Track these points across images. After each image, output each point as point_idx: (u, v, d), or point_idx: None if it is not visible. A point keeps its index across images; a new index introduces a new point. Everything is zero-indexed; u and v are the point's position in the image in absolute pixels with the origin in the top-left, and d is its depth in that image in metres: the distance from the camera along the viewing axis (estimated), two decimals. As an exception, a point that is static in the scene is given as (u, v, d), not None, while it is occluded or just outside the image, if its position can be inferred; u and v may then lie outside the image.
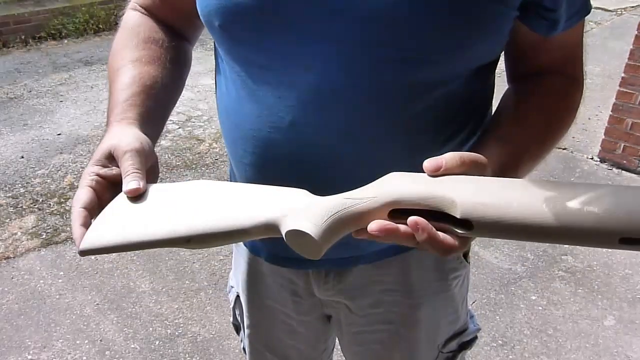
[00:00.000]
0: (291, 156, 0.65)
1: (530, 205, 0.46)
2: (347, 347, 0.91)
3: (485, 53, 0.63)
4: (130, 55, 0.72)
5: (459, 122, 0.67)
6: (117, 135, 0.61)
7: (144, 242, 0.54)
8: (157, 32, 0.76)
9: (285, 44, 0.60)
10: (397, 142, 0.64)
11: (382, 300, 0.80)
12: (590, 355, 1.80)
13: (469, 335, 0.88)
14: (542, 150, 0.67)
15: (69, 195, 2.71)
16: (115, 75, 0.71)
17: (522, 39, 0.66)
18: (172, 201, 0.57)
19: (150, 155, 0.61)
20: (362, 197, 0.50)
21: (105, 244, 0.55)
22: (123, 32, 0.76)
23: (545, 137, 0.68)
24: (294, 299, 0.84)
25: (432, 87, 0.61)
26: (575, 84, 0.72)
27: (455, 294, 0.83)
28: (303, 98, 0.61)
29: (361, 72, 0.59)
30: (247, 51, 0.63)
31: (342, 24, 0.57)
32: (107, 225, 0.56)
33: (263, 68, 0.62)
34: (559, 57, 0.70)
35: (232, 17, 0.61)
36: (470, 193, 0.48)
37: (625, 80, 2.80)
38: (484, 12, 0.58)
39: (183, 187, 0.59)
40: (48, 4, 5.30)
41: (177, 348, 1.85)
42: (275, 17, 0.59)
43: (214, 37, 0.67)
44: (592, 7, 0.67)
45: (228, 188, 0.58)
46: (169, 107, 0.75)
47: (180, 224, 0.54)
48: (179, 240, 0.53)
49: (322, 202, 0.51)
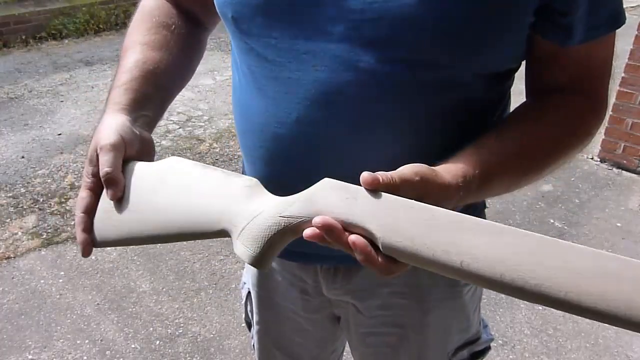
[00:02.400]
0: (297, 151, 0.65)
1: (449, 254, 0.45)
2: (355, 348, 0.90)
3: (498, 60, 0.62)
4: (140, 39, 0.74)
5: (468, 129, 0.65)
6: (101, 130, 0.63)
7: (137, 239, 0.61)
8: (172, 17, 0.77)
9: (294, 41, 0.60)
10: (403, 143, 0.63)
11: (392, 303, 0.79)
12: (590, 355, 1.80)
13: (481, 345, 0.86)
14: (533, 167, 0.63)
15: (70, 195, 2.71)
16: (123, 56, 0.73)
17: (536, 50, 0.63)
18: (149, 192, 0.61)
19: (133, 142, 0.63)
20: (297, 216, 0.51)
21: (101, 242, 0.62)
22: (139, 14, 0.78)
23: (539, 155, 0.63)
24: (303, 297, 0.84)
25: (441, 91, 0.61)
26: (593, 106, 0.66)
27: (467, 302, 0.81)
28: (309, 95, 0.61)
29: (368, 71, 0.59)
30: (257, 45, 0.64)
31: (351, 23, 0.57)
32: (101, 224, 0.62)
33: (271, 63, 0.63)
34: (577, 74, 0.64)
35: (245, 9, 0.62)
36: (392, 228, 0.47)
37: (626, 80, 2.80)
38: (497, 17, 0.56)
39: (156, 173, 0.62)
40: (49, 4, 5.30)
41: (177, 348, 1.85)
42: (286, 13, 0.60)
43: (227, 28, 0.68)
44: (625, 20, 0.61)
45: (192, 177, 0.60)
46: (171, 92, 0.76)
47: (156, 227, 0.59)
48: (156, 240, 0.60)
49: (258, 222, 0.53)
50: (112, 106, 0.66)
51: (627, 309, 0.41)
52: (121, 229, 0.60)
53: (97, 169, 0.61)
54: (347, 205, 0.49)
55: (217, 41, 4.87)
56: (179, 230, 0.58)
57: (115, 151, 0.60)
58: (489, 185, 0.59)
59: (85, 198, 0.61)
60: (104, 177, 0.59)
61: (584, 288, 0.42)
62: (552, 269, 0.43)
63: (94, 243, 0.62)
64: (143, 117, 0.67)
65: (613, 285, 0.41)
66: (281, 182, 0.68)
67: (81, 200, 0.61)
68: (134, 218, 0.60)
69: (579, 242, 2.33)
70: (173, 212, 0.58)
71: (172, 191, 0.59)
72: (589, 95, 0.66)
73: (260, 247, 0.53)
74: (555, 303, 0.43)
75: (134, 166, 0.62)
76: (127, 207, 0.60)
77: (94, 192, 0.62)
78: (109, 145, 0.60)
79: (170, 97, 0.76)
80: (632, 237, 2.38)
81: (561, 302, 0.42)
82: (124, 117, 0.64)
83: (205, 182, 0.58)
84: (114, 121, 0.63)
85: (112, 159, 0.59)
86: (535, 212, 2.57)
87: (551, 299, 0.43)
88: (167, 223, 0.58)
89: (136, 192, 0.60)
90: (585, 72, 0.65)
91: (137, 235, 0.60)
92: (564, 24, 0.60)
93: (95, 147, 0.61)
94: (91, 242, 0.62)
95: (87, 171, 0.62)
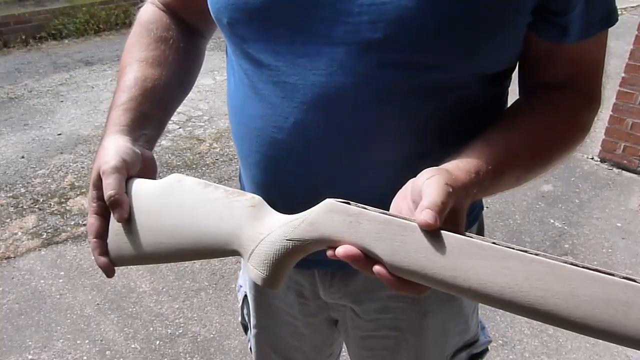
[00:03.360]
0: (294, 156, 0.65)
1: (456, 278, 0.45)
2: (353, 352, 0.90)
3: (496, 60, 0.62)
4: (138, 55, 0.74)
5: (467, 130, 0.64)
6: (102, 153, 0.64)
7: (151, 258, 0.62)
8: (170, 29, 0.77)
9: (291, 45, 0.60)
10: (401, 147, 0.63)
11: (390, 307, 0.79)
12: (590, 355, 1.80)
13: (479, 347, 0.86)
14: (534, 164, 0.64)
15: (70, 195, 2.71)
16: (122, 73, 0.73)
17: (531, 48, 0.63)
18: (155, 214, 0.61)
19: (135, 163, 0.64)
20: (301, 239, 0.51)
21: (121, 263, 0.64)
22: (137, 27, 0.78)
23: (540, 152, 0.64)
24: (300, 300, 0.84)
25: (440, 92, 0.60)
26: (588, 103, 0.67)
27: (465, 305, 0.81)
28: (307, 99, 0.61)
29: (367, 74, 0.58)
30: (254, 50, 0.63)
31: (348, 26, 0.57)
32: (115, 246, 0.63)
33: (268, 67, 0.63)
34: (572, 72, 0.65)
35: (241, 15, 0.62)
36: (397, 252, 0.46)
37: (626, 80, 2.80)
38: (495, 18, 0.56)
39: (159, 192, 0.62)
40: (49, 4, 5.30)
41: (177, 348, 1.85)
42: (282, 17, 0.59)
43: (223, 33, 0.67)
44: (617, 19, 0.62)
45: (195, 198, 0.61)
46: (170, 108, 0.77)
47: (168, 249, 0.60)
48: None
49: (266, 245, 0.54)
50: (111, 127, 0.66)
51: (637, 334, 0.41)
52: (135, 249, 0.61)
53: (101, 193, 0.61)
54: (352, 229, 0.49)
55: (217, 41, 4.86)
56: (191, 252, 0.59)
57: (117, 173, 0.60)
58: (499, 181, 0.58)
59: (94, 223, 0.62)
60: (108, 200, 0.60)
61: (594, 315, 0.42)
62: (560, 296, 0.43)
63: (113, 263, 0.63)
64: (143, 135, 0.68)
65: (622, 313, 0.41)
66: (278, 187, 0.68)
67: (91, 226, 0.62)
68: (145, 239, 0.61)
69: (579, 242, 2.34)
70: (182, 234, 0.59)
71: (177, 212, 0.59)
72: (584, 92, 0.67)
73: (269, 270, 0.54)
74: (566, 325, 0.43)
75: (138, 185, 0.62)
76: (136, 229, 0.61)
77: (102, 216, 0.63)
78: (110, 169, 0.60)
79: (170, 112, 0.76)
80: (632, 237, 2.38)
81: (572, 325, 0.43)
82: (124, 137, 0.65)
83: (209, 203, 0.58)
84: (114, 143, 0.64)
85: (114, 181, 0.60)
86: (535, 212, 2.57)
87: (562, 323, 0.43)
88: (178, 245, 0.59)
89: (142, 214, 0.61)
90: (580, 69, 0.65)
91: (151, 256, 0.61)
92: (560, 23, 0.60)
93: (98, 171, 0.62)
94: (110, 263, 0.63)
95: (91, 196, 0.63)
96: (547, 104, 0.66)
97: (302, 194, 0.54)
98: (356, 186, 0.64)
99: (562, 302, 0.42)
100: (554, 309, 0.43)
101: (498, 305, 0.45)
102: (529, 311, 0.44)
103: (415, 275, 0.46)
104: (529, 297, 0.43)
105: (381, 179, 0.62)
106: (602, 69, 0.67)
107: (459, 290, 0.45)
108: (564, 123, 0.65)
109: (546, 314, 0.43)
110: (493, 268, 0.44)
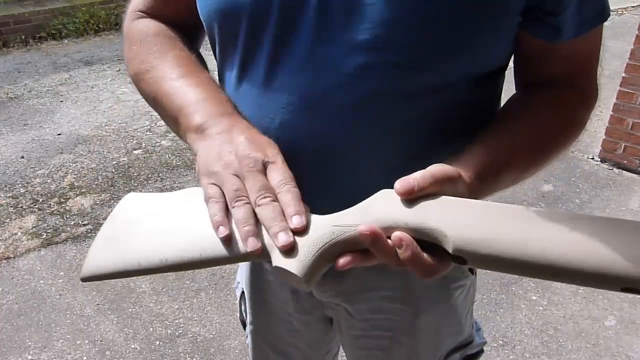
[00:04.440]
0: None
1: (527, 245, 0.44)
2: (348, 350, 0.90)
3: (486, 60, 0.61)
4: (175, 73, 0.68)
5: (459, 130, 0.64)
6: (255, 136, 0.58)
7: (142, 271, 0.55)
8: (179, 39, 0.73)
9: (277, 47, 0.60)
10: (391, 148, 0.63)
11: (383, 307, 0.79)
12: (590, 355, 1.80)
13: (474, 349, 0.86)
14: (533, 162, 0.64)
15: (69, 196, 2.71)
16: (162, 77, 0.68)
17: (525, 46, 0.63)
18: (166, 222, 0.57)
19: None
20: (351, 225, 0.49)
21: (104, 272, 0.56)
22: (141, 35, 0.73)
23: (538, 150, 0.64)
24: (295, 297, 0.84)
25: (426, 94, 0.60)
26: (584, 99, 0.67)
27: (458, 305, 0.81)
28: (293, 100, 0.60)
29: (353, 75, 0.58)
30: (241, 52, 0.63)
31: (336, 27, 0.57)
32: (105, 253, 0.57)
33: (254, 69, 0.63)
34: (567, 69, 0.65)
35: (228, 18, 0.62)
36: (462, 225, 0.46)
37: (626, 80, 2.80)
38: (482, 19, 0.56)
39: (172, 201, 0.60)
40: (48, 4, 5.30)
41: (177, 348, 1.85)
42: (270, 19, 0.59)
43: (209, 35, 0.67)
44: (609, 14, 0.62)
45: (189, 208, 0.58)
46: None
47: (175, 254, 0.54)
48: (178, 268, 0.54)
49: (311, 234, 0.50)
50: (229, 117, 0.61)
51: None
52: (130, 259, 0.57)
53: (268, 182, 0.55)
54: (409, 209, 0.47)
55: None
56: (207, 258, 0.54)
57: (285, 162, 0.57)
58: (500, 179, 0.59)
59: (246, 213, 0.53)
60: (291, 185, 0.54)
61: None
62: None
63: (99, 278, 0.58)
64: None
65: None
66: None
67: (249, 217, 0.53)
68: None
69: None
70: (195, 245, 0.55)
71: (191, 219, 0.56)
72: (579, 88, 0.67)
73: (313, 257, 0.49)
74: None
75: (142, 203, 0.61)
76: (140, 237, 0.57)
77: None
78: (277, 150, 0.57)
79: None
80: (633, 237, 2.38)
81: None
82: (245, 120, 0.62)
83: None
84: (253, 129, 0.60)
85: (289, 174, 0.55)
86: (536, 212, 2.57)
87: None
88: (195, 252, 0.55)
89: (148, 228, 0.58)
90: (575, 66, 0.65)
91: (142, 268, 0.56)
92: (553, 23, 0.60)
93: (257, 158, 0.55)
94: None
95: (255, 185, 0.54)
96: (543, 101, 0.66)
97: None
98: (344, 187, 0.64)
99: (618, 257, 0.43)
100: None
101: (554, 272, 0.44)
102: (576, 271, 0.43)
103: (482, 247, 0.45)
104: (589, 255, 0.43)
105: (368, 180, 0.62)
106: (597, 64, 0.67)
107: (521, 261, 0.44)
108: (561, 120, 0.65)
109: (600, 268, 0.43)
110: (562, 230, 0.45)
